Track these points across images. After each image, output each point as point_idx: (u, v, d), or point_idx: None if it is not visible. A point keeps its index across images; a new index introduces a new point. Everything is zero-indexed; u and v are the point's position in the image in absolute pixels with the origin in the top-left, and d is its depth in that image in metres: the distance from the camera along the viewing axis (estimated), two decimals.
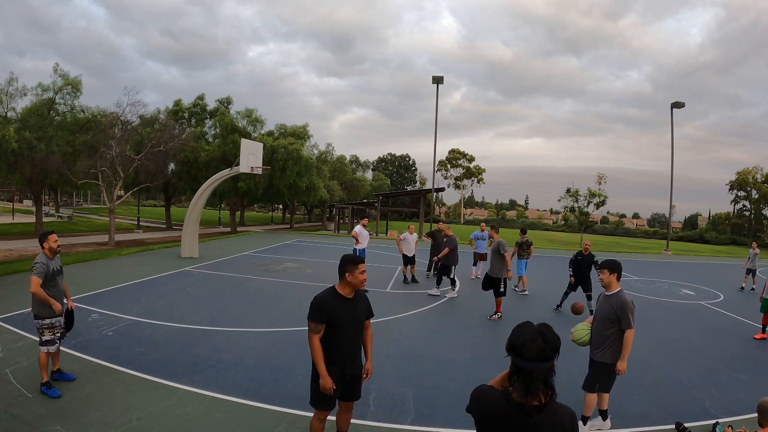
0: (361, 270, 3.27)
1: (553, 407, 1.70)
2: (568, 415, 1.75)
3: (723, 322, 9.50)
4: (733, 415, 4.81)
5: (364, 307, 3.43)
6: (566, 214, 40.06)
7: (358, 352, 3.42)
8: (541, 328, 1.74)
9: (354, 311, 3.30)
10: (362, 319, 3.40)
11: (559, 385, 5.52)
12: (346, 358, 3.29)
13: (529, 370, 1.65)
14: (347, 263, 3.26)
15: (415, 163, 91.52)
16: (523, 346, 1.67)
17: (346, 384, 3.36)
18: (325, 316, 3.17)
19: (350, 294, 3.29)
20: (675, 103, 31.77)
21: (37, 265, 4.48)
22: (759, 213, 53.23)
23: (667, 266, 20.93)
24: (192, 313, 7.77)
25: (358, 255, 10.50)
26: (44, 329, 4.53)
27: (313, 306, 3.22)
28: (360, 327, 3.39)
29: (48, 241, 4.62)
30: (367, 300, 3.52)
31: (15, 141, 17.91)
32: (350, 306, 3.28)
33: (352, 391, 3.46)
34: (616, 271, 4.20)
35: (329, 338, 3.22)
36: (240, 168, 14.50)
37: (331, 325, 3.19)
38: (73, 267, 11.64)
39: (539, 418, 1.67)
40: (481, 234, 13.15)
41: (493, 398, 1.77)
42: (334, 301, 3.24)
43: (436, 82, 29.94)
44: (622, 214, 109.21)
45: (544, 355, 1.66)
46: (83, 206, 56.57)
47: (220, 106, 31.51)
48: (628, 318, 4.03)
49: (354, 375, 3.38)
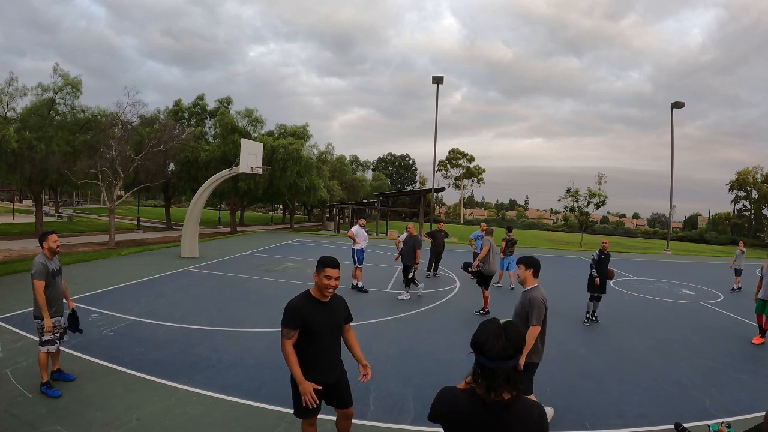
0: (327, 274, 3.02)
1: (520, 403, 1.69)
2: (536, 410, 1.75)
3: (723, 322, 9.50)
4: (733, 415, 4.80)
5: (342, 311, 3.23)
6: (566, 214, 40.03)
7: (337, 359, 3.25)
8: (506, 325, 1.70)
9: (330, 315, 3.11)
10: (340, 323, 3.20)
11: (560, 386, 5.51)
12: (324, 365, 3.12)
13: (491, 368, 1.63)
14: (318, 263, 3.07)
15: (415, 163, 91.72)
16: (486, 344, 1.64)
17: (328, 392, 3.19)
18: (299, 322, 2.99)
19: (324, 297, 3.10)
20: (675, 103, 31.78)
21: (37, 265, 4.47)
22: (759, 213, 53.27)
23: (667, 266, 20.92)
24: (192, 313, 7.77)
25: (357, 256, 10.69)
26: (44, 330, 4.52)
27: (287, 311, 3.02)
28: (337, 332, 3.21)
29: (48, 241, 4.61)
30: (345, 304, 3.31)
31: (15, 141, 17.92)
32: (325, 310, 3.10)
33: (339, 398, 3.30)
34: (532, 267, 4.15)
35: (305, 344, 3.04)
36: (240, 168, 14.51)
37: (306, 331, 3.02)
38: (73, 267, 11.64)
39: (507, 415, 1.66)
40: (481, 234, 13.13)
41: (459, 398, 1.75)
42: (309, 305, 3.06)
43: (436, 82, 29.96)
44: (622, 214, 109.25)
45: (507, 354, 1.63)
46: (83, 206, 56.58)
47: (220, 106, 31.51)
48: (533, 314, 3.98)
49: (334, 382, 3.20)
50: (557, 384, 5.43)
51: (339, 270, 3.09)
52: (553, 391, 5.20)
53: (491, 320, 1.75)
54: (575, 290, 12.20)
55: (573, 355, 6.67)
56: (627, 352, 6.97)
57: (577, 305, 10.16)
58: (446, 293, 10.86)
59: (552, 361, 6.33)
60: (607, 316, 9.41)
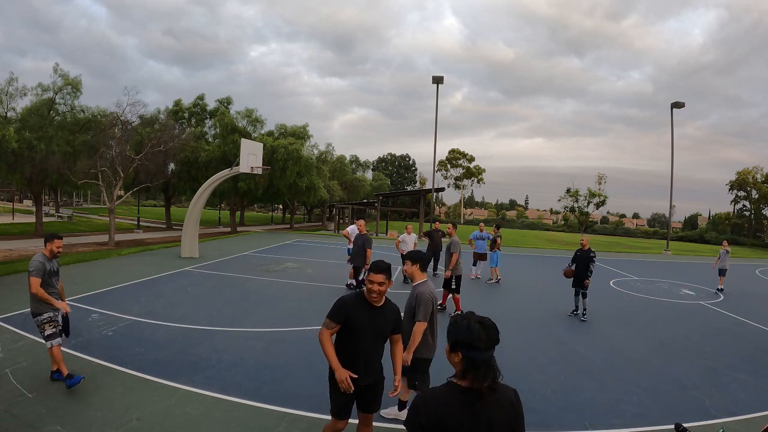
0: (371, 278, 3.02)
1: (500, 387, 1.78)
2: (512, 392, 1.84)
3: (723, 322, 9.49)
4: (733, 415, 4.80)
5: (392, 320, 3.17)
6: (566, 214, 40.07)
7: (376, 363, 3.23)
8: (477, 318, 1.78)
9: (376, 320, 3.08)
10: (386, 331, 3.16)
11: (560, 386, 5.50)
12: (361, 367, 3.11)
13: (484, 359, 1.71)
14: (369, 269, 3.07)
15: (415, 163, 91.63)
16: (475, 339, 1.71)
17: (361, 393, 3.20)
18: (342, 318, 3.02)
19: (374, 301, 3.07)
20: (675, 103, 31.79)
21: (35, 263, 4.50)
22: (759, 213, 53.22)
23: (667, 266, 20.92)
24: (192, 313, 7.77)
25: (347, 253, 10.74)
26: (44, 324, 4.55)
27: (335, 305, 3.09)
28: (381, 338, 3.18)
29: (52, 243, 4.65)
30: (398, 314, 3.25)
31: (15, 141, 17.93)
32: (373, 314, 3.08)
33: (367, 402, 3.29)
34: (419, 262, 4.12)
35: (346, 341, 3.10)
36: (240, 168, 14.51)
37: (349, 329, 3.05)
38: (73, 267, 11.64)
39: (491, 399, 1.73)
40: (480, 234, 13.16)
41: (442, 395, 1.76)
42: (357, 305, 3.07)
43: (436, 82, 29.98)
44: (622, 214, 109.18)
45: (496, 340, 1.74)
46: (83, 206, 56.57)
47: (220, 106, 31.51)
48: (420, 310, 3.94)
49: (369, 385, 3.19)
50: (557, 384, 5.43)
51: (385, 275, 3.05)
52: (553, 392, 5.20)
53: (462, 317, 1.82)
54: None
55: (573, 355, 6.67)
56: (627, 352, 6.97)
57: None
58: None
59: (552, 361, 6.34)
60: (608, 316, 9.41)
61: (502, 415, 1.75)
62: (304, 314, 8.17)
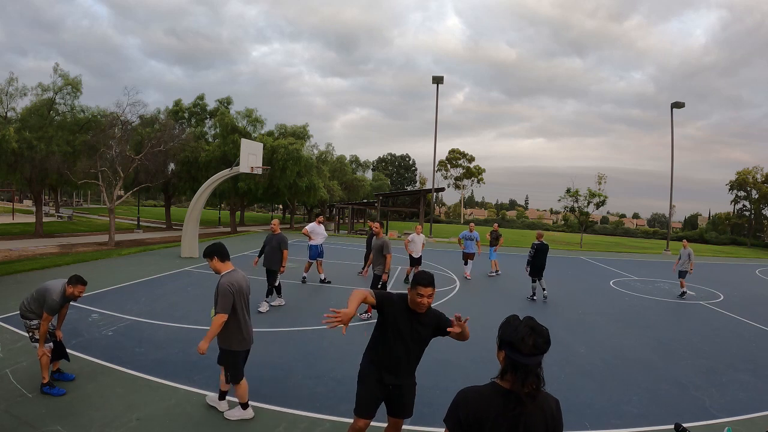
0: (419, 292, 2.91)
1: (542, 395, 1.78)
2: (554, 402, 1.86)
3: (723, 322, 9.49)
4: (733, 415, 4.80)
5: (432, 325, 3.08)
6: (566, 214, 39.97)
7: (407, 366, 3.16)
8: (529, 322, 1.80)
9: (414, 324, 3.03)
10: (424, 336, 3.09)
11: (560, 386, 5.51)
12: (389, 367, 3.09)
13: (527, 363, 1.71)
14: (412, 281, 3.00)
15: (415, 163, 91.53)
16: (521, 342, 1.72)
17: (389, 393, 3.16)
18: (381, 305, 3.02)
19: (419, 309, 3.00)
20: (675, 103, 31.79)
21: (51, 302, 4.42)
22: (759, 213, 53.14)
23: (667, 266, 20.88)
24: (192, 313, 7.77)
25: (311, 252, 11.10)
26: (33, 329, 4.56)
27: (386, 292, 3.11)
28: (418, 344, 3.10)
29: (75, 288, 4.54)
30: (439, 319, 3.11)
31: (15, 141, 17.89)
32: (412, 318, 3.03)
33: (396, 404, 3.21)
34: (215, 255, 4.03)
35: (380, 338, 3.09)
36: (240, 168, 14.50)
37: (385, 324, 3.05)
38: (73, 267, 11.62)
39: (532, 406, 1.74)
40: (469, 234, 13.22)
41: (484, 394, 1.78)
42: (401, 304, 3.05)
43: (436, 82, 29.98)
44: (622, 214, 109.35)
45: (541, 349, 1.74)
46: (83, 206, 56.52)
47: (220, 106, 31.47)
48: (219, 302, 3.86)
49: (396, 385, 3.14)
50: (557, 384, 5.43)
51: (433, 287, 3.00)
52: (553, 392, 5.17)
53: (514, 317, 1.85)
54: (575, 290, 12.21)
55: (573, 355, 6.67)
56: (627, 352, 6.97)
57: (577, 305, 10.18)
58: (446, 293, 10.86)
59: (552, 361, 6.34)
60: (608, 316, 9.41)
61: (540, 423, 1.76)
62: (305, 314, 8.17)
